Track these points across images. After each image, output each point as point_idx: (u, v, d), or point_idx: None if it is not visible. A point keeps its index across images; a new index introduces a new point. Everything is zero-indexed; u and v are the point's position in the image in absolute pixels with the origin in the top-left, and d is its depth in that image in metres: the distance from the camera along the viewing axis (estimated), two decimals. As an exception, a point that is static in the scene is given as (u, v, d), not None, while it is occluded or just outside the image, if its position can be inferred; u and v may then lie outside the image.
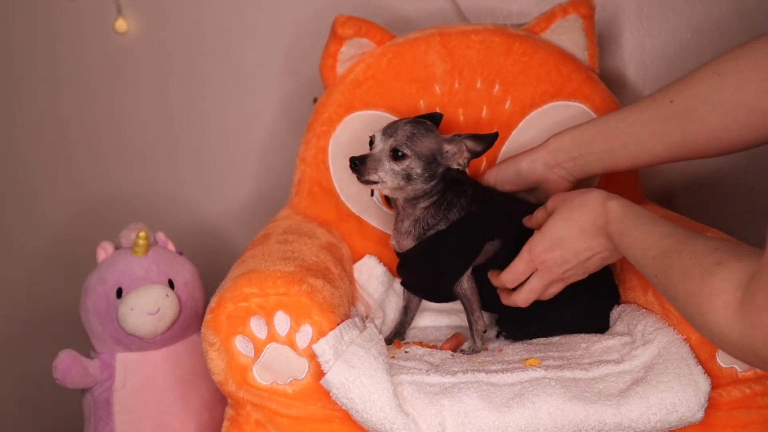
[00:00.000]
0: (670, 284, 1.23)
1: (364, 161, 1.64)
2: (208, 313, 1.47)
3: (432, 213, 1.68)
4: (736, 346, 1.07)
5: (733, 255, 1.11)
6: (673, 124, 1.55)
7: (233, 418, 1.52)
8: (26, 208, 2.39)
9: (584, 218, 1.48)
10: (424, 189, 1.66)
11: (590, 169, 1.70)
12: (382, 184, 1.65)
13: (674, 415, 1.41)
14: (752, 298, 1.01)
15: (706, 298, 1.10)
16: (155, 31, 2.30)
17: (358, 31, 1.95)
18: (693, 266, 1.16)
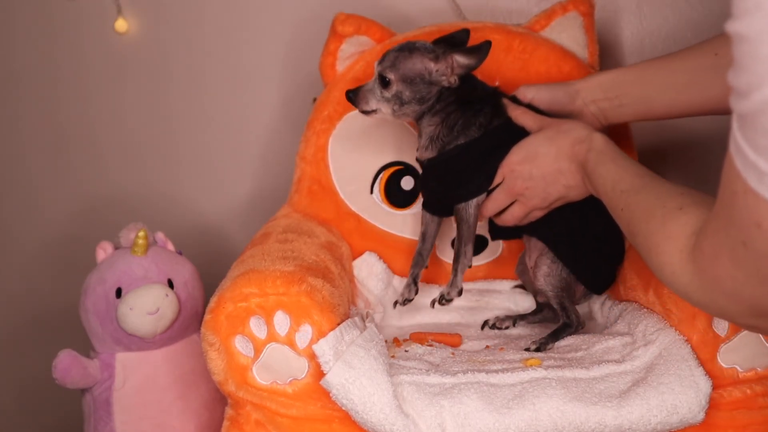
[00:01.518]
0: (633, 220, 1.27)
1: (358, 93, 1.66)
2: (208, 313, 1.46)
3: (445, 132, 1.66)
4: (685, 289, 1.10)
5: (695, 202, 1.15)
6: (714, 76, 1.52)
7: (233, 418, 1.51)
8: (26, 207, 2.39)
9: (566, 141, 1.53)
10: (421, 110, 1.65)
11: (624, 113, 1.68)
12: (379, 113, 1.66)
13: (675, 417, 1.40)
14: (700, 245, 1.05)
15: (663, 239, 1.13)
16: (155, 30, 2.29)
17: (358, 29, 1.95)
18: (657, 207, 1.20)
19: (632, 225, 1.27)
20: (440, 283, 1.97)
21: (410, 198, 1.98)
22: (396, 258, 1.98)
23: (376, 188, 1.98)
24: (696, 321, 1.45)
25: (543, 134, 1.58)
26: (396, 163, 1.98)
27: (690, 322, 1.46)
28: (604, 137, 1.49)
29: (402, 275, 1.98)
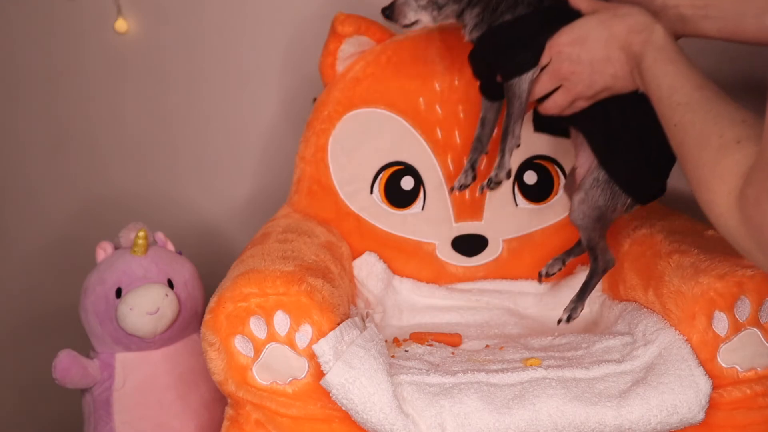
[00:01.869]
0: (685, 142, 1.16)
1: (393, 8, 1.61)
2: (208, 313, 1.46)
3: (488, 14, 1.58)
4: (731, 234, 1.03)
5: (753, 135, 1.02)
6: None
7: (233, 418, 1.52)
8: (26, 207, 2.39)
9: (621, 27, 1.38)
10: (461, 7, 1.60)
11: (707, 27, 1.46)
12: (419, 23, 1.62)
13: (675, 417, 1.40)
14: (745, 190, 0.98)
15: (713, 176, 1.05)
16: (155, 30, 2.29)
17: (358, 29, 1.95)
18: (713, 134, 1.09)
19: (684, 148, 1.15)
20: (440, 283, 1.97)
21: (410, 198, 1.98)
22: (396, 258, 1.98)
23: (376, 188, 1.98)
24: (696, 321, 1.45)
25: (597, 17, 1.42)
26: (396, 163, 1.98)
27: (689, 321, 1.46)
28: (665, 32, 1.33)
29: (402, 275, 1.98)
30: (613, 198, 1.57)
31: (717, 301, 1.43)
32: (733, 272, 1.43)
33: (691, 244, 1.57)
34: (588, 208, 1.57)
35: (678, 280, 1.48)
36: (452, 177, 1.97)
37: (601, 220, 1.59)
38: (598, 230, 1.60)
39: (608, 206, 1.57)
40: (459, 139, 1.97)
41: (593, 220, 1.57)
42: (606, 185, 1.56)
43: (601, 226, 1.60)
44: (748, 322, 1.43)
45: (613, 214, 1.59)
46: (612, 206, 1.57)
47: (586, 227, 1.59)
